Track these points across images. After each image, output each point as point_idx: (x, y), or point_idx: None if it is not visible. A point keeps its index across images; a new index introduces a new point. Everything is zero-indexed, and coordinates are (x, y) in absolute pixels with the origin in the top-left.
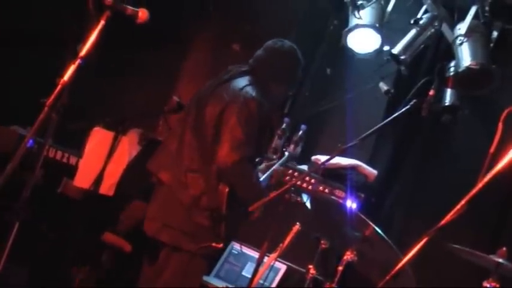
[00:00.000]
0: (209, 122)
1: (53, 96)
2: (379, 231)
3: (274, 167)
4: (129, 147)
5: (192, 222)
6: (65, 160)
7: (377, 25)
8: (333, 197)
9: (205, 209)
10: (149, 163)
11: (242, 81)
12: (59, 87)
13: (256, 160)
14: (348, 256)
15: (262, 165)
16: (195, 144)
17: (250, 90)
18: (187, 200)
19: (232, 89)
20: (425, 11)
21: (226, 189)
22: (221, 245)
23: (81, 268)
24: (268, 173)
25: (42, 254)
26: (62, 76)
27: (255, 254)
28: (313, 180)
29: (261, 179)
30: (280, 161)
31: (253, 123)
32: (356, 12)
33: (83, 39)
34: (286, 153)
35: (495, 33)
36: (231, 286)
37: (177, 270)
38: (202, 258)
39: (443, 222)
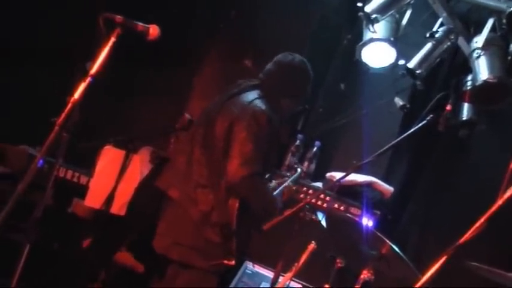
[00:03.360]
0: (219, 137)
1: (63, 115)
2: (396, 249)
3: (285, 184)
4: (140, 165)
5: (202, 238)
6: (75, 180)
7: (392, 39)
8: (348, 215)
9: (216, 225)
10: (158, 180)
11: (251, 95)
12: (69, 105)
13: (266, 176)
14: (365, 275)
15: (274, 183)
16: (204, 159)
17: (260, 104)
18: (197, 216)
19: (242, 102)
20: (441, 24)
21: (237, 204)
22: (233, 262)
23: None
24: (279, 189)
25: (54, 274)
26: (72, 94)
27: (270, 274)
28: (328, 198)
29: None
30: (292, 177)
31: (262, 138)
32: (370, 26)
33: (93, 57)
34: (299, 170)
35: None
36: None
37: (188, 287)
38: (213, 275)
39: (462, 240)
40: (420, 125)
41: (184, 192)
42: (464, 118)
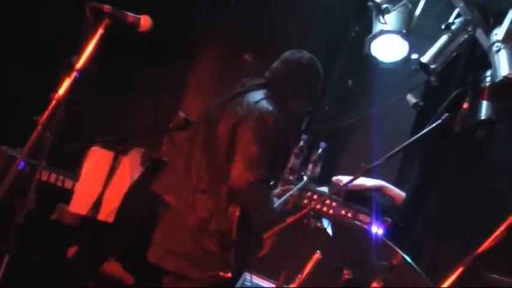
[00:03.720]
0: (221, 139)
1: (46, 113)
2: (408, 259)
3: (291, 192)
4: (130, 168)
5: (199, 247)
6: (59, 184)
7: (404, 31)
8: (356, 222)
9: (214, 234)
10: (153, 184)
11: (257, 95)
12: (53, 102)
13: (271, 183)
14: None
15: (278, 189)
16: (205, 163)
17: (267, 104)
18: (195, 223)
19: (247, 102)
20: (458, 15)
21: (237, 212)
22: (230, 275)
23: None
24: (284, 197)
25: (37, 286)
26: (56, 91)
27: (271, 286)
28: (334, 204)
29: (276, 204)
30: (298, 186)
31: (269, 140)
32: (380, 17)
33: (79, 50)
34: (305, 178)
35: None
36: None
37: None
38: (210, 287)
39: (480, 249)
40: (435, 124)
41: (181, 197)
42: (482, 117)
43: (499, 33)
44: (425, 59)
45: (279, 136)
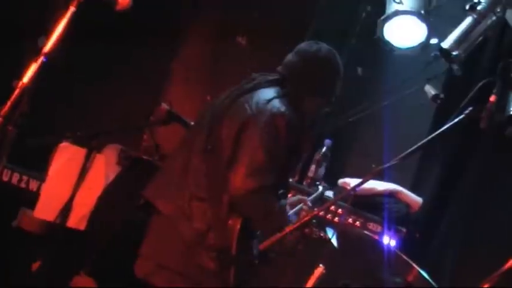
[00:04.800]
0: (225, 140)
1: (8, 104)
2: (426, 275)
3: (302, 205)
4: (105, 168)
5: (194, 263)
6: (23, 185)
7: (422, 12)
8: (365, 232)
9: (212, 249)
10: (145, 189)
11: (269, 93)
12: (16, 91)
13: (280, 192)
14: None
15: (295, 198)
16: (205, 168)
17: (279, 104)
18: (190, 234)
19: (257, 101)
20: None
21: (238, 225)
22: None
23: None
24: (296, 209)
25: None
26: (20, 78)
27: None
28: (340, 210)
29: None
30: (312, 197)
31: (280, 145)
32: None
33: (47, 31)
34: (320, 188)
35: None
36: None
37: None
38: None
39: (508, 265)
40: (457, 120)
41: (176, 204)
42: None
43: None
44: (446, 44)
45: (290, 140)
